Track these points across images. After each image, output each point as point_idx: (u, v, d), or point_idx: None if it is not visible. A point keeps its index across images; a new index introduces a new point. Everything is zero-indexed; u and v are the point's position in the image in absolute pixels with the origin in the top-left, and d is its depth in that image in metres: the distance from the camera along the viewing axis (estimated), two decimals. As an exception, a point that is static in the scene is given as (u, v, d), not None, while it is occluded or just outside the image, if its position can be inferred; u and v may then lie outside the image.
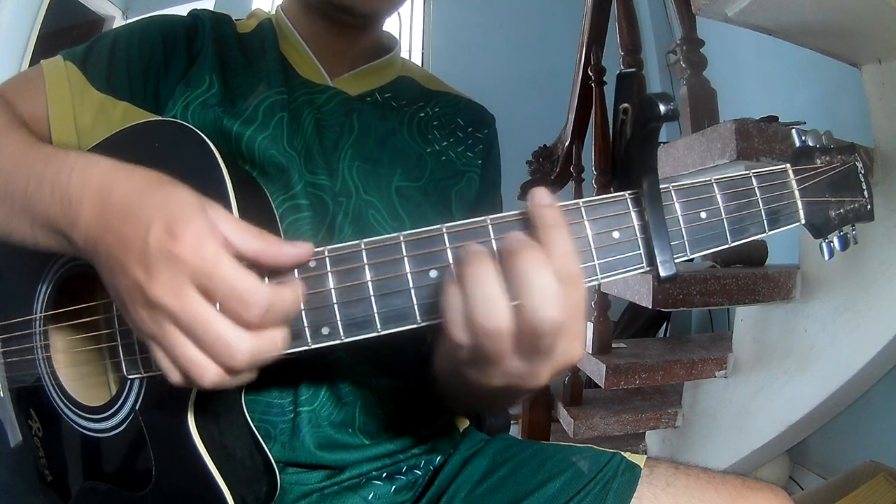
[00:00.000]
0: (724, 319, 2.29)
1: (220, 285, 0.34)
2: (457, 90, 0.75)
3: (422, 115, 0.68)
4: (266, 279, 0.38)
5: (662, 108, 0.36)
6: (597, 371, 1.48)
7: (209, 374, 0.35)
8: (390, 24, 0.74)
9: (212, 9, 0.67)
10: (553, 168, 1.93)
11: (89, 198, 0.38)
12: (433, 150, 0.66)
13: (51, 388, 0.53)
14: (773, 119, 1.32)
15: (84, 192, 0.38)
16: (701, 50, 1.71)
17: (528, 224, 0.37)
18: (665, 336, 2.52)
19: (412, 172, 0.63)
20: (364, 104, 0.65)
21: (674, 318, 2.56)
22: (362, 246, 0.38)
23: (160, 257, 0.34)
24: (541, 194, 0.36)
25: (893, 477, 1.21)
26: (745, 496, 0.51)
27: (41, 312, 0.52)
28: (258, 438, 0.50)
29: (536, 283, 0.33)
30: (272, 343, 0.36)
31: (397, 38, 0.74)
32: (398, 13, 3.56)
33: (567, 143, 1.83)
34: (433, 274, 0.38)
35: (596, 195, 0.40)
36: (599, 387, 1.52)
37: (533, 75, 3.33)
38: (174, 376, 0.36)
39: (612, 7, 1.67)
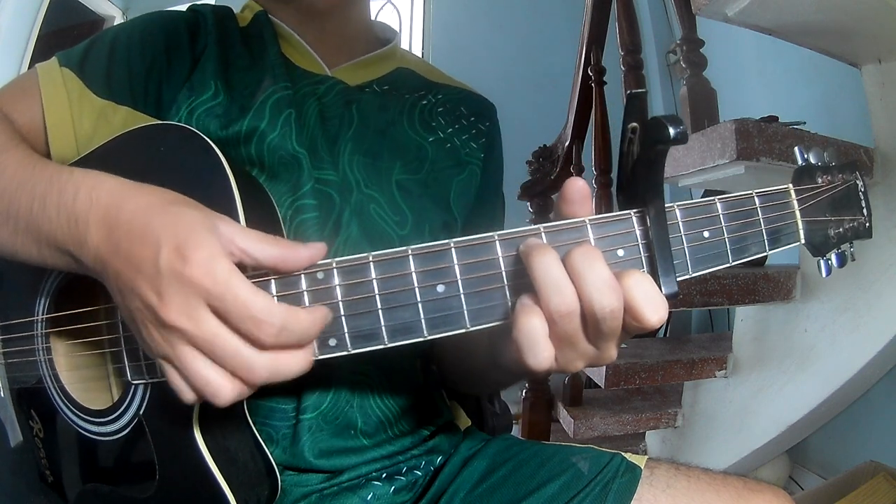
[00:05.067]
0: (724, 319, 2.29)
1: (233, 306, 0.34)
2: (457, 81, 0.74)
3: (423, 103, 0.67)
4: (274, 287, 0.38)
5: (672, 130, 0.35)
6: (597, 371, 1.48)
7: (224, 392, 0.35)
8: (390, 23, 0.73)
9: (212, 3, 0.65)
10: (553, 168, 1.92)
11: (96, 219, 0.37)
12: (436, 139, 0.65)
13: (52, 389, 0.53)
14: (773, 119, 1.32)
15: (91, 213, 0.38)
16: (701, 50, 1.70)
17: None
18: (665, 336, 2.52)
19: (412, 164, 0.62)
20: (363, 94, 0.64)
21: (674, 318, 2.56)
22: (370, 259, 0.38)
23: (171, 280, 0.34)
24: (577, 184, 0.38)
25: (893, 477, 1.21)
26: (746, 498, 0.51)
27: (43, 314, 0.52)
28: (260, 442, 0.50)
29: (591, 275, 0.35)
30: (291, 362, 0.36)
31: (396, 30, 0.73)
32: (397, 11, 3.55)
33: (567, 143, 1.83)
34: (440, 288, 0.38)
35: (596, 196, 0.40)
36: (599, 387, 1.52)
37: (533, 75, 3.32)
38: (188, 395, 0.36)
39: (612, 7, 1.66)
